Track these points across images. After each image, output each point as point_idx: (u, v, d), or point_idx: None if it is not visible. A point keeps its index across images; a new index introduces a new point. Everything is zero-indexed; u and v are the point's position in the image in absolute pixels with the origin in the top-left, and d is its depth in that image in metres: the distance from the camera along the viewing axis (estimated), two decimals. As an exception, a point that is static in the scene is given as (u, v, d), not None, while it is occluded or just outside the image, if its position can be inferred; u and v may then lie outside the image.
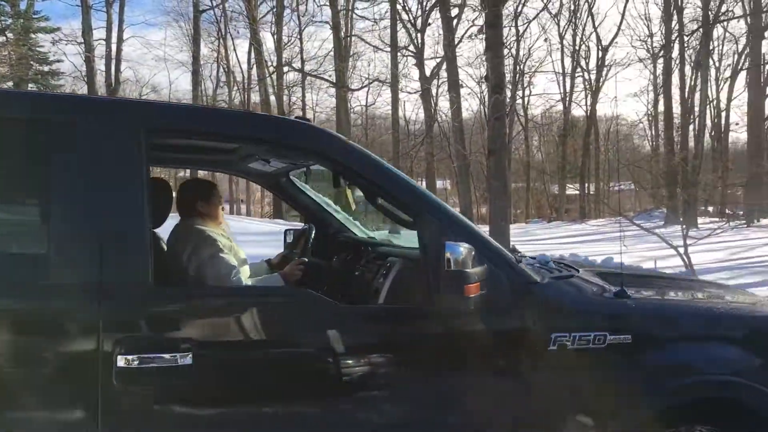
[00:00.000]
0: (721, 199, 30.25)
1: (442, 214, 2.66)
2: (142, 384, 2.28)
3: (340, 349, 2.48)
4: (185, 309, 2.41)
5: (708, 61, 33.07)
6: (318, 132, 2.72)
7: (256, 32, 32.53)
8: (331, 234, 4.45)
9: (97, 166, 2.35)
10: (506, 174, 12.21)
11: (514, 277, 2.67)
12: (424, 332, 2.60)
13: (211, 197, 3.55)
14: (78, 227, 2.29)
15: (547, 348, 2.64)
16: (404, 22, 30.32)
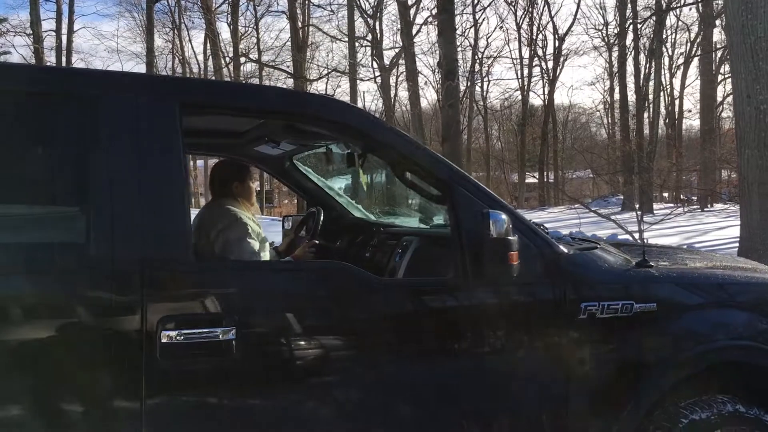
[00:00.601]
0: (675, 185, 31.03)
1: (473, 186, 2.68)
2: (186, 359, 2.25)
3: (382, 322, 2.49)
4: (226, 284, 2.38)
5: (661, 50, 33.81)
6: (350, 107, 2.72)
7: (212, 23, 32.05)
8: (335, 217, 4.44)
9: (136, 142, 2.31)
10: (461, 160, 12.22)
11: (544, 248, 2.71)
12: (457, 305, 2.63)
13: (246, 178, 3.57)
14: (120, 204, 2.25)
15: (577, 317, 2.69)
16: (361, 11, 30.22)
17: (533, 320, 2.68)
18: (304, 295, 2.45)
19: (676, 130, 37.57)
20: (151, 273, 2.23)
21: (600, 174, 29.45)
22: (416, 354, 2.54)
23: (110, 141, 2.29)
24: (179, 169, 2.35)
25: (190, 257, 2.31)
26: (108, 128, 2.29)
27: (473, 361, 2.61)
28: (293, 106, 2.64)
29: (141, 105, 2.34)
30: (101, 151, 2.28)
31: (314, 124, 2.76)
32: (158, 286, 2.25)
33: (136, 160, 2.29)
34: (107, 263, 2.21)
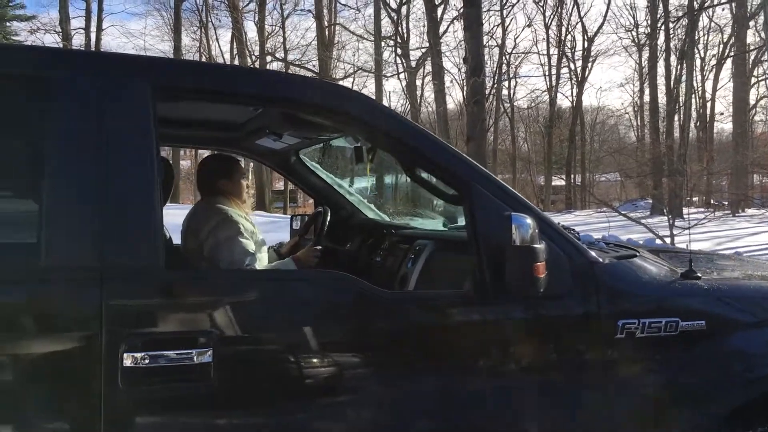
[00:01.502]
0: (706, 189, 30.28)
1: (494, 185, 2.32)
2: (152, 386, 1.91)
3: (385, 341, 2.14)
4: (203, 297, 2.04)
5: (693, 51, 32.98)
6: (349, 92, 2.36)
7: (238, 21, 31.98)
8: (344, 218, 4.10)
9: (98, 131, 1.98)
10: (486, 161, 11.77)
11: (575, 256, 2.35)
12: (475, 321, 2.27)
13: (233, 173, 3.26)
14: (76, 203, 1.92)
15: (613, 336, 2.32)
16: (388, 9, 29.90)
17: (562, 341, 2.31)
18: (296, 310, 2.09)
19: (708, 133, 36.72)
20: (112, 283, 1.89)
21: (629, 177, 28.80)
22: (423, 380, 2.18)
23: (65, 129, 1.96)
24: (149, 163, 2.01)
25: (159, 265, 1.96)
26: (62, 114, 1.96)
27: (490, 390, 2.25)
28: (286, 92, 2.28)
29: (102, 87, 2.01)
30: (54, 139, 1.95)
31: (311, 112, 2.41)
32: (120, 298, 1.91)
33: (95, 152, 1.95)
34: (59, 270, 1.88)
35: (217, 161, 3.42)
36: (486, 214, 2.23)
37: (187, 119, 3.42)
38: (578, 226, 15.34)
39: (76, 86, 1.99)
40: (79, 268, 1.89)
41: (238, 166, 3.29)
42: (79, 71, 2.03)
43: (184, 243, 3.23)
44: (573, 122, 38.73)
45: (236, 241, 2.98)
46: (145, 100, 2.04)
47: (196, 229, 3.11)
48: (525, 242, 2.05)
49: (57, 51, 2.09)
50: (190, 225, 3.19)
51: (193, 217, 3.22)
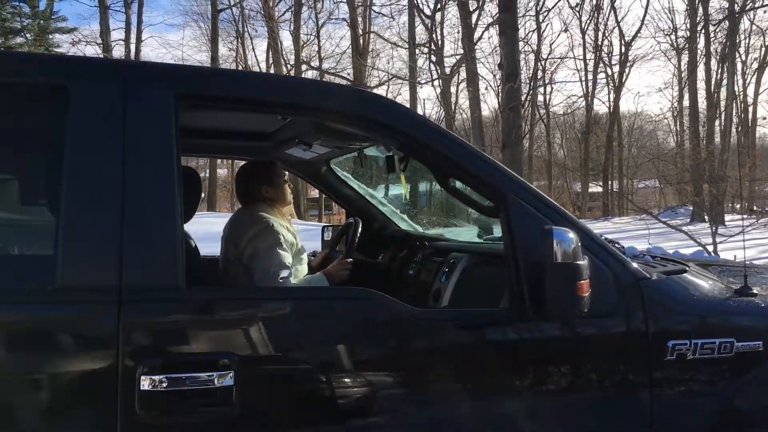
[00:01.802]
0: (749, 195, 29.54)
1: (532, 196, 2.19)
2: (171, 410, 1.82)
3: (415, 361, 2.02)
4: (224, 318, 1.95)
5: (734, 55, 32.27)
6: (384, 101, 2.25)
7: (274, 31, 32.20)
8: (377, 229, 3.98)
9: (117, 142, 1.89)
10: (521, 168, 11.52)
11: (620, 272, 2.20)
12: (511, 342, 2.13)
13: (275, 178, 3.15)
14: (93, 218, 1.84)
15: (663, 358, 2.17)
16: (422, 16, 29.79)
17: (606, 364, 2.16)
18: (321, 329, 1.98)
19: (750, 138, 35.86)
20: (130, 302, 1.80)
21: (668, 183, 28.19)
22: (456, 402, 2.05)
23: (81, 139, 1.87)
24: (170, 176, 1.91)
25: (179, 283, 1.87)
26: (80, 124, 1.88)
27: (526, 415, 2.10)
28: (313, 99, 2.18)
29: (121, 96, 1.92)
30: (70, 150, 1.86)
31: (339, 120, 2.30)
32: (138, 318, 1.82)
33: (114, 164, 1.87)
34: (75, 289, 1.79)
35: (256, 167, 3.30)
36: (524, 227, 2.10)
37: (216, 129, 3.36)
38: (616, 234, 15.00)
39: (94, 95, 1.91)
40: (96, 286, 1.81)
41: (279, 170, 3.18)
42: (97, 79, 1.95)
43: (224, 252, 3.15)
44: (610, 128, 38.12)
45: (275, 253, 2.88)
46: (167, 109, 1.95)
47: (237, 238, 3.02)
48: (567, 258, 1.91)
49: (74, 59, 1.98)
50: (231, 234, 3.11)
51: (233, 226, 3.13)
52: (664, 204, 37.77)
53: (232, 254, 3.03)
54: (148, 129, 1.93)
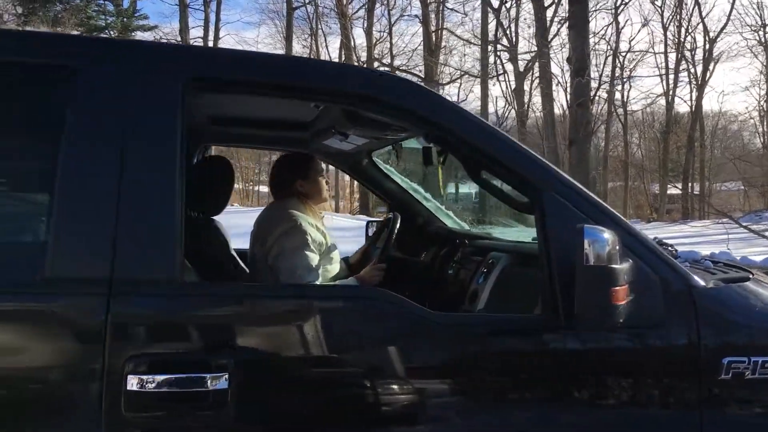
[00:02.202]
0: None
1: (571, 191, 1.97)
2: (159, 413, 1.69)
3: (430, 370, 1.83)
4: (221, 315, 1.80)
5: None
6: (406, 84, 2.06)
7: (347, 28, 32.29)
8: (420, 225, 3.79)
9: (115, 127, 1.78)
10: (589, 166, 11.03)
11: (670, 278, 1.95)
12: (540, 352, 1.92)
13: (309, 172, 3.01)
14: (86, 206, 1.72)
15: (716, 377, 1.91)
16: (495, 12, 29.26)
17: (649, 381, 1.92)
18: (327, 332, 1.81)
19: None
20: (121, 296, 1.68)
21: (752, 185, 26.89)
22: (466, 419, 1.85)
23: (77, 123, 1.76)
24: (171, 164, 1.79)
25: (176, 277, 1.74)
26: (76, 107, 1.78)
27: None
28: (331, 84, 2.01)
29: (120, 78, 1.81)
30: (66, 135, 1.75)
31: (360, 106, 2.13)
32: (128, 313, 1.70)
33: (108, 150, 1.75)
34: (64, 280, 1.68)
35: (293, 159, 3.17)
36: (559, 226, 1.89)
37: (252, 118, 3.25)
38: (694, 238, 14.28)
39: (97, 77, 1.81)
40: (86, 278, 1.69)
41: (315, 164, 3.04)
42: (102, 60, 1.84)
43: (252, 248, 3.04)
44: (692, 127, 36.61)
45: (301, 254, 2.75)
46: (172, 93, 1.83)
47: (265, 235, 2.91)
48: (601, 261, 1.69)
49: (76, 38, 1.89)
50: (259, 230, 2.98)
51: (262, 221, 3.01)
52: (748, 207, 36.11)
53: (258, 252, 2.91)
54: (152, 113, 1.81)
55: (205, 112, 3.05)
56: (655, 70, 38.24)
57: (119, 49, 1.92)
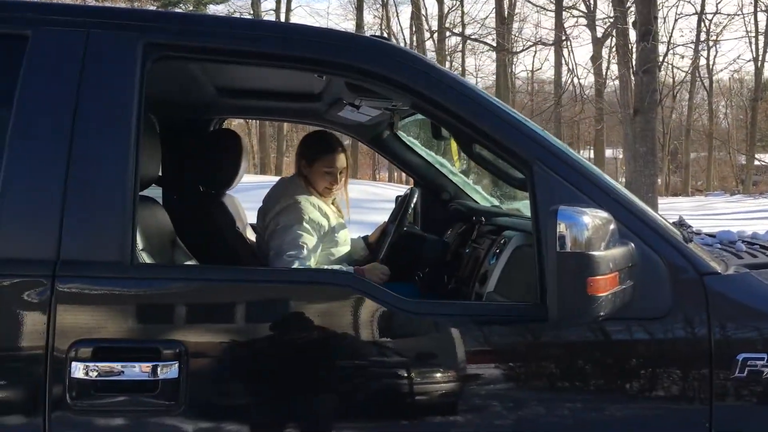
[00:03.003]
0: None
1: (565, 165, 1.76)
2: (106, 402, 1.59)
3: (400, 363, 1.68)
4: (172, 300, 1.68)
5: None
6: (383, 47, 1.86)
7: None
8: (446, 200, 3.61)
9: (65, 96, 1.68)
10: (655, 137, 10.38)
11: (678, 263, 1.73)
12: (528, 345, 1.73)
13: (315, 160, 2.90)
14: (31, 182, 1.64)
15: (730, 375, 1.69)
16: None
17: (652, 378, 1.71)
18: (287, 319, 1.68)
19: None
20: (66, 279, 1.59)
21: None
22: (444, 416, 1.69)
23: (24, 92, 1.67)
24: (125, 137, 1.67)
25: (125, 260, 1.63)
26: (24, 76, 1.68)
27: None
28: (304, 50, 1.82)
29: (80, 45, 1.71)
30: (12, 105, 1.67)
31: (343, 74, 1.96)
32: (73, 295, 1.61)
33: (58, 120, 1.66)
34: (6, 262, 1.60)
35: (308, 139, 3.08)
36: (548, 204, 1.68)
37: (260, 89, 3.13)
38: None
39: (50, 43, 1.71)
40: (29, 259, 1.61)
41: (325, 155, 2.90)
42: (56, 26, 1.74)
43: (257, 224, 2.98)
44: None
45: (292, 231, 2.68)
46: (129, 61, 1.71)
47: (265, 212, 2.87)
48: (578, 247, 1.48)
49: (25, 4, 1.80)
50: (263, 205, 2.95)
51: (267, 199, 2.96)
52: None
53: (260, 228, 2.84)
54: (108, 82, 1.70)
55: (212, 83, 2.95)
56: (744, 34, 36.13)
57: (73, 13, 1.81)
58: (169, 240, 2.54)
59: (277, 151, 35.98)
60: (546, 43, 30.32)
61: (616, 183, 1.86)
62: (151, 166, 2.17)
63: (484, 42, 31.24)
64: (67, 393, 1.56)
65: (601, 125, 29.65)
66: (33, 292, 1.59)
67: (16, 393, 1.60)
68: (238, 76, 2.89)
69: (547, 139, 1.80)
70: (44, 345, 1.57)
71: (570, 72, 20.42)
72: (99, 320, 1.61)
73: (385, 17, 37.59)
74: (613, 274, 1.53)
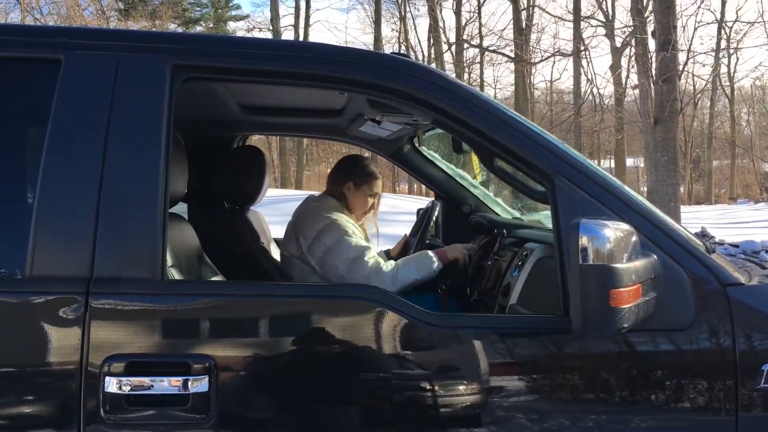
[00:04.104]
0: None
1: (586, 178, 1.77)
2: (140, 416, 1.63)
3: (422, 376, 1.69)
4: (203, 315, 1.72)
5: None
6: (405, 66, 1.89)
7: (433, 9, 31.91)
8: (467, 213, 3.63)
9: (98, 119, 1.73)
10: (676, 146, 10.35)
11: (701, 274, 1.74)
12: (551, 358, 1.74)
13: (363, 184, 2.98)
14: (64, 201, 1.68)
15: (755, 386, 1.69)
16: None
17: (676, 390, 1.72)
18: (313, 333, 1.71)
19: None
20: (100, 296, 1.63)
21: None
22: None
23: (59, 116, 1.73)
24: (155, 156, 1.72)
25: (157, 275, 1.68)
26: (58, 100, 1.74)
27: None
28: (307, 66, 1.86)
29: (112, 68, 1.76)
30: (46, 128, 1.72)
31: (365, 92, 2.00)
32: (107, 311, 1.65)
33: (86, 142, 1.71)
34: (42, 279, 1.65)
35: (355, 162, 3.11)
36: (571, 217, 1.70)
37: (282, 106, 3.18)
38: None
39: (83, 67, 1.77)
40: (64, 277, 1.65)
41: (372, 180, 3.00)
42: (88, 50, 1.80)
43: (286, 239, 2.97)
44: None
45: (346, 241, 2.73)
46: (159, 83, 1.76)
47: (299, 234, 2.87)
48: (601, 259, 1.50)
49: (54, 29, 1.86)
50: (295, 226, 2.94)
51: (300, 217, 2.95)
52: None
53: (293, 246, 2.87)
54: (138, 103, 1.75)
55: (236, 100, 3.00)
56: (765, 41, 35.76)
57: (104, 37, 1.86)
58: (197, 256, 2.58)
59: (297, 165, 36.12)
60: (564, 54, 30.27)
61: (637, 194, 1.87)
62: (179, 184, 2.22)
63: (502, 53, 31.24)
64: (101, 407, 1.60)
65: (622, 134, 29.45)
66: (68, 308, 1.63)
67: (52, 407, 1.64)
68: (260, 94, 2.93)
69: (568, 152, 1.82)
70: (79, 360, 1.61)
71: (589, 82, 20.32)
72: (131, 336, 1.65)
73: (403, 30, 37.73)
74: (636, 286, 1.55)
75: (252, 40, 2.70)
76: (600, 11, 28.79)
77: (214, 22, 32.87)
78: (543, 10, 31.68)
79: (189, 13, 32.11)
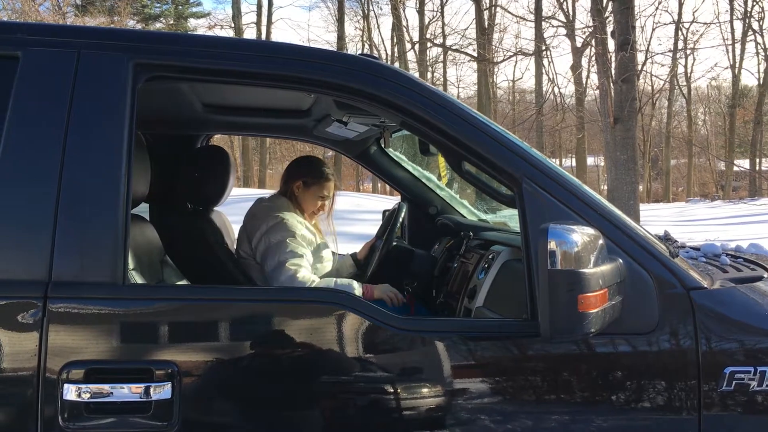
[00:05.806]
0: None
1: (553, 182, 1.78)
2: (99, 425, 1.59)
3: (388, 379, 1.68)
4: (165, 320, 1.68)
5: None
6: (374, 68, 1.87)
7: (396, 8, 31.94)
8: (433, 215, 3.63)
9: (56, 117, 1.68)
10: (635, 146, 10.55)
11: (666, 278, 1.76)
12: (518, 360, 1.74)
13: (312, 183, 2.97)
14: (21, 203, 1.64)
15: (716, 388, 1.72)
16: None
17: (640, 393, 1.74)
18: (279, 338, 1.68)
19: None
20: (58, 298, 1.59)
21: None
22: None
23: (9, 113, 1.67)
24: (116, 157, 1.68)
25: (118, 279, 1.64)
26: (23, 95, 1.69)
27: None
28: (267, 66, 1.84)
29: (72, 66, 1.72)
30: (10, 124, 1.67)
31: (332, 93, 1.97)
32: (66, 316, 1.60)
33: (44, 141, 1.66)
34: None
35: (305, 163, 3.10)
36: (537, 221, 1.71)
37: (252, 106, 3.14)
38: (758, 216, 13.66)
39: (42, 64, 1.71)
40: (21, 281, 1.60)
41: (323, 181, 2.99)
42: (48, 46, 1.75)
43: (239, 243, 2.96)
44: (760, 102, 35.08)
45: (286, 243, 2.73)
46: (121, 81, 1.72)
47: (251, 233, 2.89)
48: (569, 264, 1.51)
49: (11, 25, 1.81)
50: (246, 226, 2.96)
51: (250, 218, 2.95)
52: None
53: (245, 248, 2.88)
54: (99, 102, 1.71)
55: (199, 99, 2.95)
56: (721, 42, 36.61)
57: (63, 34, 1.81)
58: (159, 259, 2.54)
59: (260, 164, 35.86)
60: (526, 53, 30.56)
61: (603, 199, 1.88)
62: (141, 184, 2.17)
63: (465, 52, 31.43)
64: (59, 415, 1.56)
65: (582, 134, 29.88)
66: (25, 313, 1.58)
67: (8, 415, 1.59)
68: (225, 93, 2.90)
69: (536, 156, 1.83)
70: (36, 367, 1.56)
71: (550, 81, 20.54)
72: (91, 341, 1.61)
73: (366, 29, 37.70)
74: (603, 291, 1.56)
75: (217, 38, 2.63)
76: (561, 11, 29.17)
77: (175, 19, 32.40)
78: (505, 10, 31.95)
79: (149, 10, 31.61)
